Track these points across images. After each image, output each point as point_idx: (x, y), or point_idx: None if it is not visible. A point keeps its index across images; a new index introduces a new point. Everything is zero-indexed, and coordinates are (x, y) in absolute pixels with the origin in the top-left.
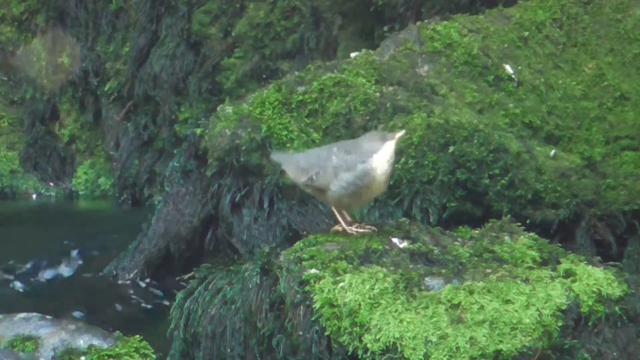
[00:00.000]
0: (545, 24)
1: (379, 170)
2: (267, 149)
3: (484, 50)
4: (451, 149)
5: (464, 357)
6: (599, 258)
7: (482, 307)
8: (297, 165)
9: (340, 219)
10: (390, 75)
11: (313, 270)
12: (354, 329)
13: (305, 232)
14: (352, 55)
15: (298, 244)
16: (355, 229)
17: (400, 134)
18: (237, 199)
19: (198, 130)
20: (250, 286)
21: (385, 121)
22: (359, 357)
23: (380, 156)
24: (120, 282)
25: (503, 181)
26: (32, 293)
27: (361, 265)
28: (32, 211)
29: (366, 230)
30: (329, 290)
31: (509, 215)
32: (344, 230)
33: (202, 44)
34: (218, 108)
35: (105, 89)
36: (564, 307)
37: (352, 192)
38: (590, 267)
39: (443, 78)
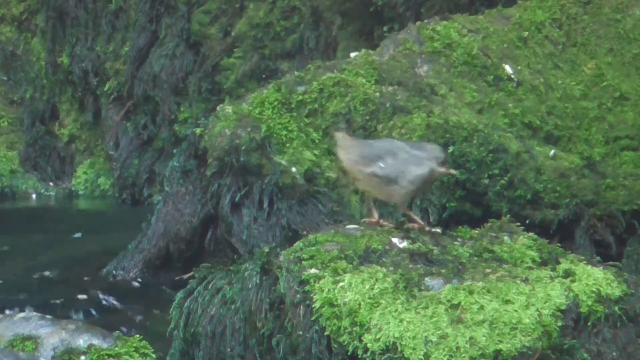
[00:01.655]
0: (544, 24)
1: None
2: (266, 149)
3: (484, 50)
4: (451, 149)
5: (463, 357)
6: (598, 258)
7: (481, 307)
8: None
9: (415, 217)
10: (389, 75)
11: (313, 270)
12: (354, 328)
13: (305, 232)
14: (352, 55)
15: (298, 244)
16: (435, 229)
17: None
18: (236, 199)
19: (198, 130)
20: (250, 286)
21: (385, 121)
22: (359, 356)
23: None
24: (119, 282)
25: (502, 181)
26: (32, 293)
27: (361, 265)
28: (31, 211)
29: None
30: (329, 290)
31: (508, 215)
32: (422, 227)
33: (202, 43)
34: (218, 108)
35: (105, 88)
36: (563, 307)
37: (416, 187)
38: (589, 267)
39: (442, 78)
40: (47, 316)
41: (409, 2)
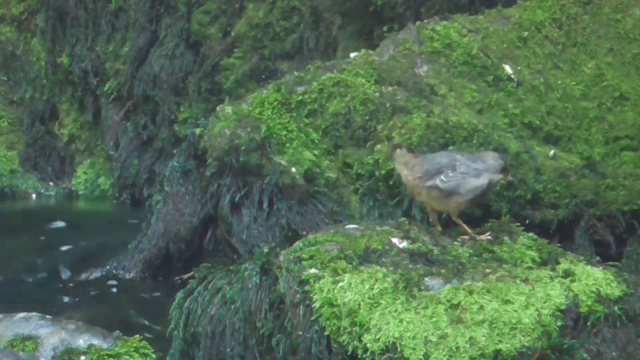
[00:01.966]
0: (544, 24)
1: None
2: (266, 149)
3: (484, 50)
4: (450, 148)
5: (463, 357)
6: (598, 258)
7: (481, 307)
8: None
9: (465, 226)
10: (389, 75)
11: (313, 270)
12: (354, 328)
13: (304, 232)
14: (352, 55)
15: (297, 244)
16: (485, 237)
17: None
18: (236, 199)
19: (197, 130)
20: (249, 286)
21: (384, 121)
22: (359, 356)
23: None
24: (119, 281)
25: (502, 181)
26: (32, 293)
27: (360, 265)
28: (31, 211)
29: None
30: (329, 290)
31: (508, 216)
32: (473, 238)
33: (202, 44)
34: (217, 108)
35: (105, 88)
36: (563, 307)
37: (476, 197)
38: (589, 267)
39: (442, 78)
40: (47, 316)
41: (409, 2)
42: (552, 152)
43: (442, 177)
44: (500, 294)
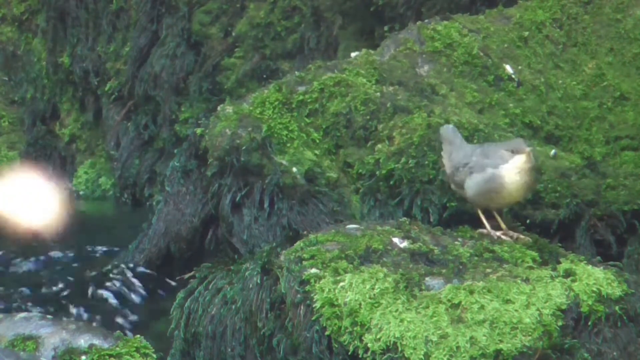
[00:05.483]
0: (545, 24)
1: (507, 179)
2: (267, 149)
3: (484, 50)
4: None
5: (464, 357)
6: (598, 258)
7: (482, 307)
8: (449, 157)
9: (485, 222)
10: (390, 75)
11: (313, 270)
12: (355, 328)
13: (305, 232)
14: (353, 55)
15: (298, 244)
16: (500, 234)
17: (530, 149)
18: (237, 199)
19: (198, 130)
20: (250, 286)
21: (385, 121)
22: (360, 356)
23: (509, 166)
24: (120, 281)
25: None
26: (32, 293)
27: (361, 265)
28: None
29: (508, 239)
30: (330, 289)
31: (509, 215)
32: (489, 233)
33: (203, 43)
34: (218, 108)
35: (106, 88)
36: (564, 307)
37: (483, 193)
38: (590, 266)
39: (443, 78)
40: (48, 316)
41: (410, 1)
42: (552, 151)
43: (454, 170)
44: (501, 294)
